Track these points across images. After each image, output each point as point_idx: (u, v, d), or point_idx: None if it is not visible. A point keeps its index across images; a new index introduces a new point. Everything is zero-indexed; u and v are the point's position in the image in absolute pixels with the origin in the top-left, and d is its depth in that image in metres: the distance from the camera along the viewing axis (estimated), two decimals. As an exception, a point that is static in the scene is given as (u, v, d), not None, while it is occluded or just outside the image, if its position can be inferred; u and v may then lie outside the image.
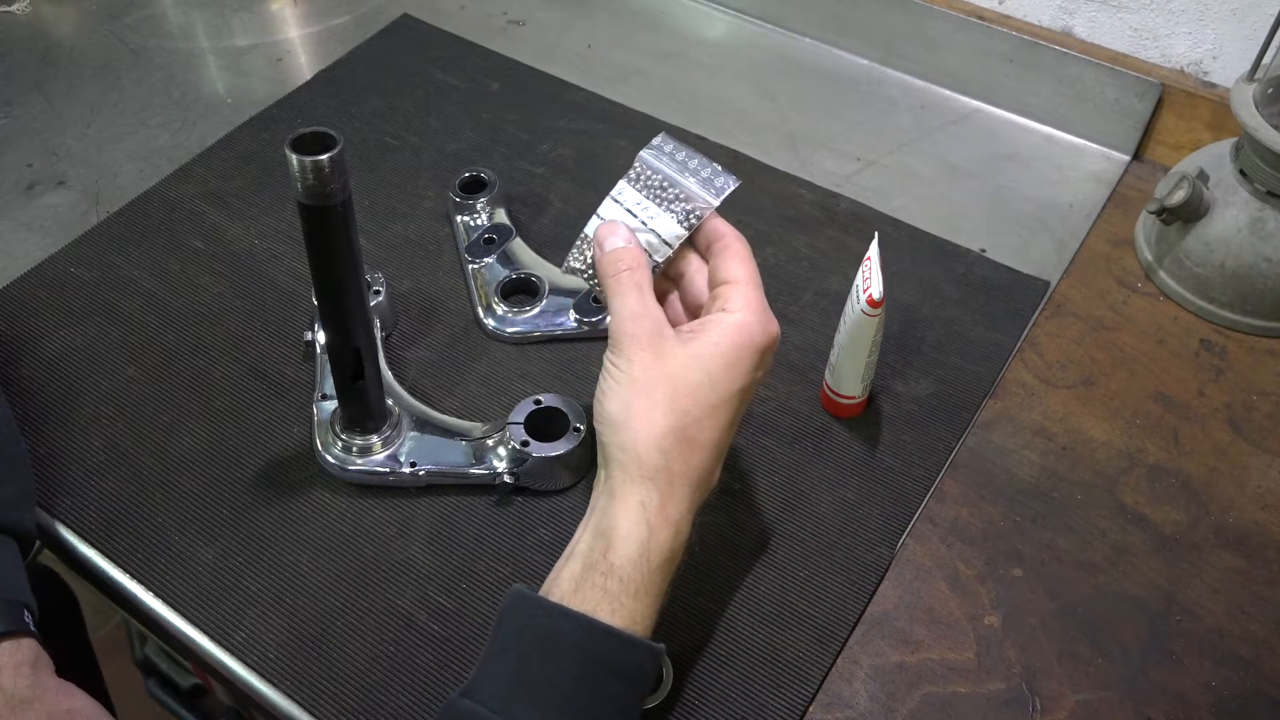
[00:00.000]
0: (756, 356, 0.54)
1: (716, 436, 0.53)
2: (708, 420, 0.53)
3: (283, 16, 1.07)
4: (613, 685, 0.49)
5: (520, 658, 0.49)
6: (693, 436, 0.52)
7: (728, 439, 0.55)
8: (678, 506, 0.52)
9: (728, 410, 0.53)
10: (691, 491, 0.53)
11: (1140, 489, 0.69)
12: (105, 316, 0.78)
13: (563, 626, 0.49)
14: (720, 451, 0.55)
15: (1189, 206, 0.75)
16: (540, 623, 0.50)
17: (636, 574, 0.51)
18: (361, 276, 0.59)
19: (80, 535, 0.66)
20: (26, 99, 0.97)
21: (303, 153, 0.52)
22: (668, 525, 0.52)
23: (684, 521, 0.53)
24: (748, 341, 0.53)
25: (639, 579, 0.51)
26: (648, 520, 0.51)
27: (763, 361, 0.55)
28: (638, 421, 0.52)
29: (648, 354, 0.53)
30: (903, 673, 0.61)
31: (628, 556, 0.51)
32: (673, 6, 1.07)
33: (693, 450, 0.53)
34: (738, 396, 0.54)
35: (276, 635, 0.61)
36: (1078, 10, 0.90)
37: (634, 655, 0.50)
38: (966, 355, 0.76)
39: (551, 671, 0.49)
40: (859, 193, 0.88)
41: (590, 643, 0.49)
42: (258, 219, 0.85)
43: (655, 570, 0.51)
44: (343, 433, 0.68)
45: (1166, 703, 0.59)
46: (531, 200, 0.87)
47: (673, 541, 0.52)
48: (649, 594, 0.51)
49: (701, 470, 0.53)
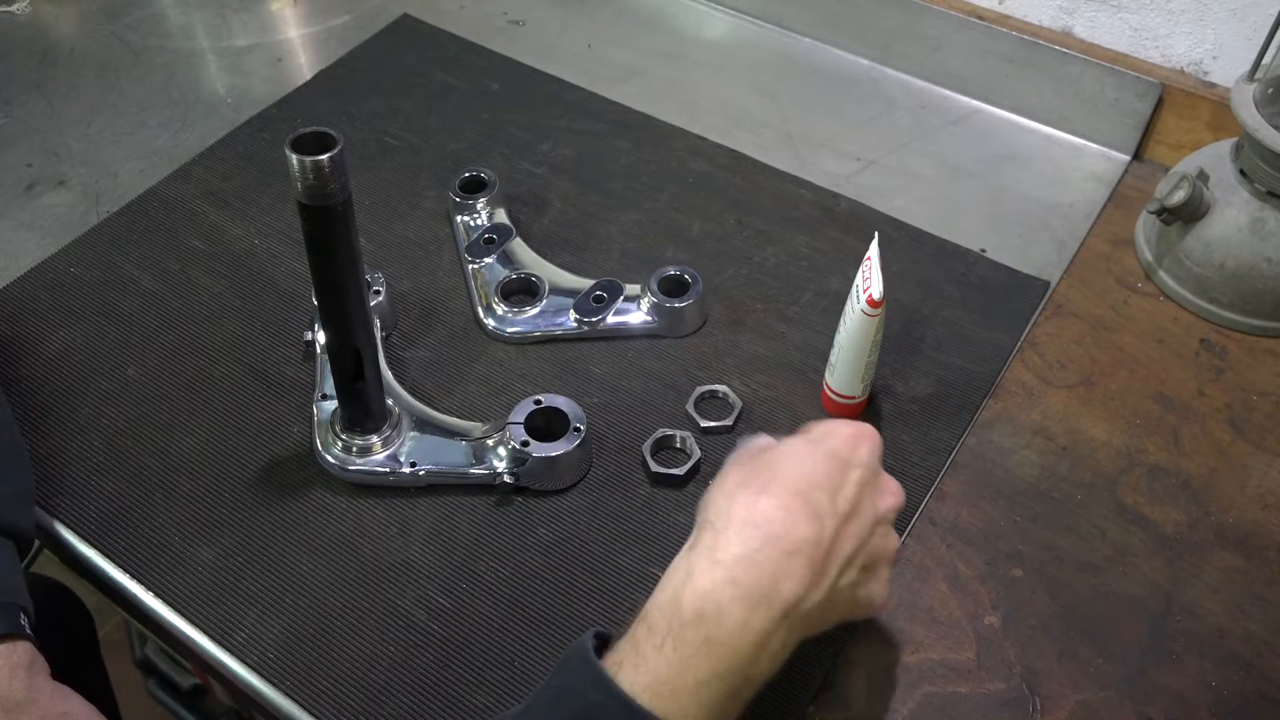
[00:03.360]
0: (843, 442, 0.53)
1: (791, 483, 0.49)
2: (782, 464, 0.51)
3: (283, 16, 1.07)
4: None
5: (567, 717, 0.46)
6: (763, 482, 0.50)
7: (817, 495, 0.50)
8: (729, 550, 0.47)
9: (806, 460, 0.51)
10: (753, 532, 0.48)
11: (1140, 489, 0.69)
12: (105, 316, 0.78)
13: (601, 700, 0.45)
14: (804, 500, 0.49)
15: (1189, 206, 0.75)
16: (582, 690, 0.46)
17: (663, 621, 0.46)
18: (361, 276, 0.59)
19: (80, 535, 0.66)
20: (26, 99, 0.97)
21: (303, 153, 0.52)
22: (712, 569, 0.47)
23: (742, 571, 0.47)
24: (830, 429, 0.54)
25: (664, 628, 0.46)
26: (688, 559, 0.47)
27: (853, 456, 0.52)
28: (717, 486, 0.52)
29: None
30: (903, 673, 0.61)
31: (657, 601, 0.47)
32: (673, 6, 1.07)
33: (760, 495, 0.49)
34: (821, 456, 0.52)
35: (276, 635, 0.61)
36: (1078, 10, 0.90)
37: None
38: (966, 355, 0.76)
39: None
40: (859, 193, 0.88)
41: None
42: (258, 219, 0.85)
43: (687, 624, 0.46)
44: (343, 433, 0.67)
45: (1166, 703, 0.59)
46: (531, 200, 0.87)
47: (717, 591, 0.46)
48: (676, 652, 0.46)
49: (768, 514, 0.48)
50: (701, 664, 0.46)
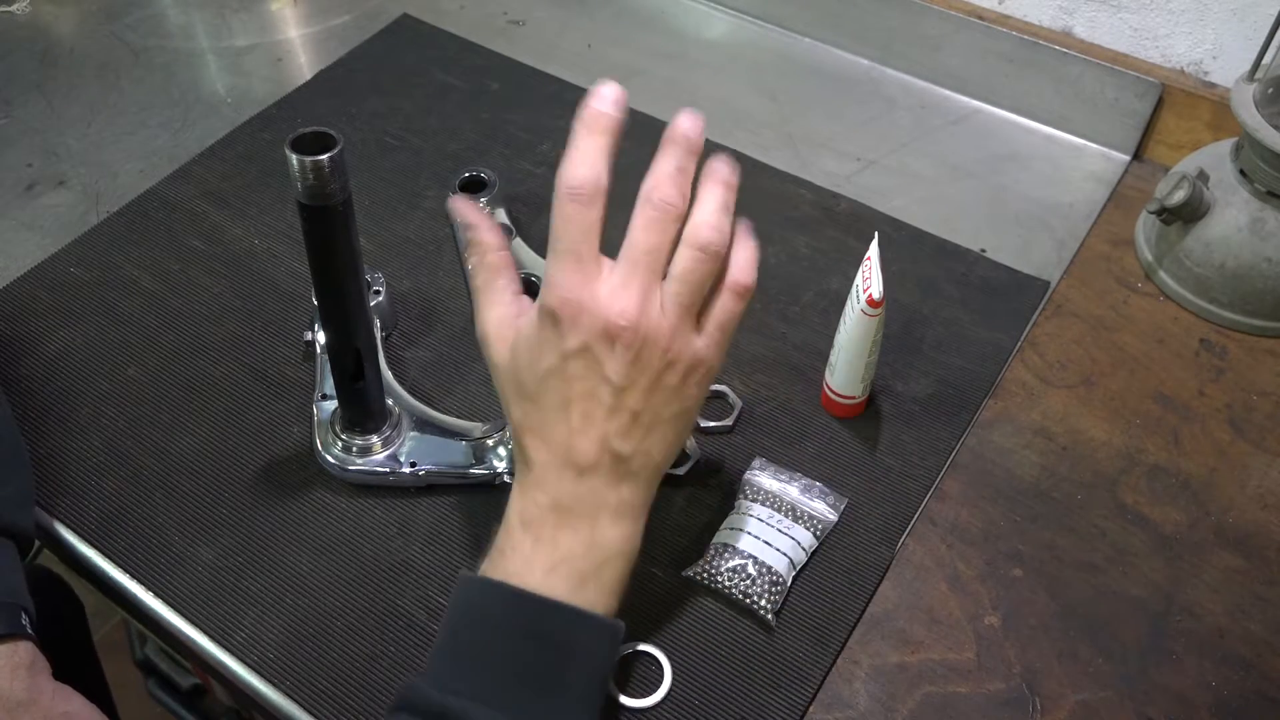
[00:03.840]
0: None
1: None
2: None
3: (283, 16, 1.07)
4: (535, 649, 0.50)
5: (452, 630, 0.52)
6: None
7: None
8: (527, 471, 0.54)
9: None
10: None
11: (1140, 489, 0.69)
12: (105, 316, 0.78)
13: (479, 594, 0.52)
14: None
15: (1189, 206, 0.75)
16: (465, 595, 0.52)
17: (503, 529, 0.54)
18: (361, 276, 0.59)
19: (80, 535, 0.66)
20: (26, 99, 0.97)
21: (303, 153, 0.52)
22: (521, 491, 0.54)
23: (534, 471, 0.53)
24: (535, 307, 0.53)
25: (502, 535, 0.53)
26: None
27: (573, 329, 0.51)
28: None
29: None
30: (903, 673, 0.61)
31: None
32: (673, 6, 1.07)
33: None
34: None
35: (276, 635, 0.61)
36: (1078, 10, 0.90)
37: (558, 621, 0.50)
38: (966, 355, 0.76)
39: (477, 637, 0.51)
40: (859, 193, 0.88)
41: (508, 608, 0.51)
42: (258, 219, 0.85)
43: (513, 528, 0.53)
44: (343, 433, 0.67)
45: (1166, 703, 0.59)
46: (531, 200, 0.87)
47: (524, 497, 0.53)
48: (515, 551, 0.52)
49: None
50: (545, 552, 0.52)
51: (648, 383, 0.51)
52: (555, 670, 0.50)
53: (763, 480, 0.67)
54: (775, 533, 0.64)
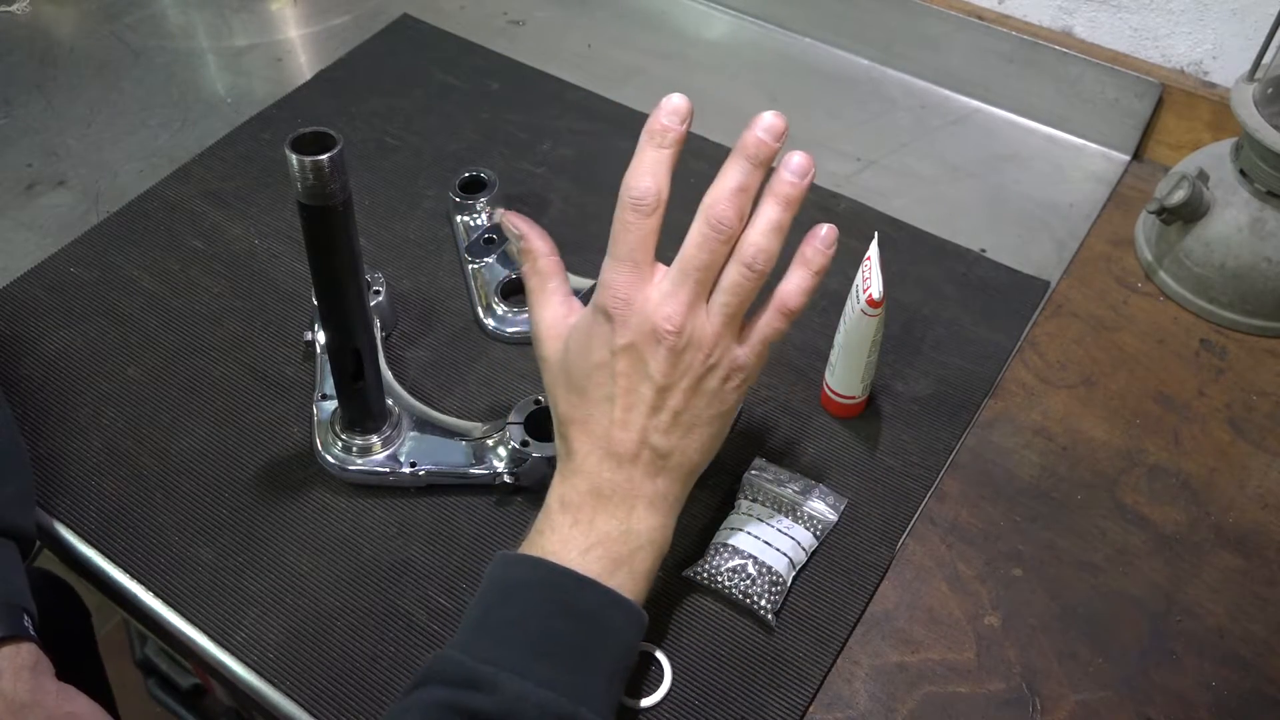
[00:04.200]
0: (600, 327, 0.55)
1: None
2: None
3: (283, 16, 1.07)
4: (569, 623, 0.51)
5: (486, 604, 0.53)
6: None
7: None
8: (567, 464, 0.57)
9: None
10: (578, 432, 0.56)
11: (1140, 489, 0.69)
12: (105, 316, 0.78)
13: (517, 570, 0.54)
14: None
15: (1189, 206, 0.75)
16: (501, 571, 0.54)
17: (543, 512, 0.56)
18: (361, 276, 0.59)
19: (80, 535, 0.66)
20: (26, 99, 0.97)
21: (303, 153, 0.52)
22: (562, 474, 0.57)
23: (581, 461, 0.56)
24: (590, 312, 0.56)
25: (542, 517, 0.56)
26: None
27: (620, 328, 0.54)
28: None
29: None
30: (903, 673, 0.61)
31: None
32: (673, 6, 1.07)
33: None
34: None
35: (276, 635, 0.61)
36: (1078, 10, 0.90)
37: (591, 596, 0.52)
38: (966, 355, 0.76)
39: (510, 611, 0.52)
40: (859, 193, 0.88)
41: (544, 581, 0.53)
42: (258, 219, 0.85)
43: (553, 511, 0.55)
44: (343, 433, 0.68)
45: (1166, 703, 0.59)
46: (531, 200, 0.87)
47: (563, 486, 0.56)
48: (554, 531, 0.54)
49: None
50: (582, 533, 0.54)
51: (689, 384, 0.54)
52: (587, 647, 0.51)
53: (763, 480, 0.67)
54: (775, 533, 0.64)
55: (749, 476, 0.68)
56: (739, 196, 0.53)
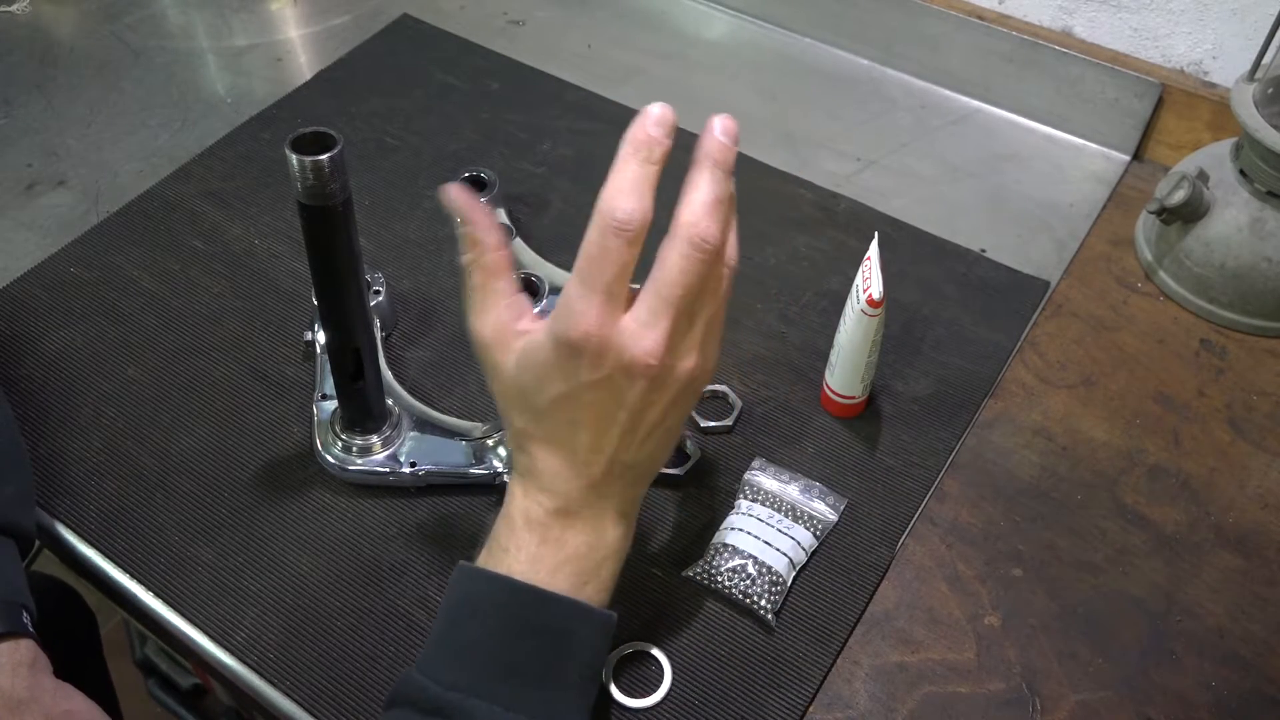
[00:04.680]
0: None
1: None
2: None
3: (283, 16, 1.07)
4: (533, 642, 0.50)
5: (449, 622, 0.51)
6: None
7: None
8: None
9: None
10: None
11: (1140, 489, 0.69)
12: (105, 316, 0.78)
13: (479, 587, 0.52)
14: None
15: (1189, 206, 0.75)
16: (465, 587, 0.52)
17: (503, 530, 0.54)
18: (361, 276, 0.59)
19: (80, 535, 0.66)
20: (26, 99, 0.97)
21: (303, 153, 0.52)
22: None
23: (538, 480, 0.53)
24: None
25: (505, 535, 0.53)
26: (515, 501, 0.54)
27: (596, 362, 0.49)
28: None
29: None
30: (903, 673, 0.61)
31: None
32: (673, 6, 1.07)
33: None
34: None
35: (276, 635, 0.61)
36: (1078, 10, 0.90)
37: (555, 612, 0.51)
38: (966, 355, 0.76)
39: (473, 631, 0.50)
40: (859, 193, 0.88)
41: (507, 600, 0.51)
42: (258, 219, 0.85)
43: (520, 529, 0.53)
44: (343, 433, 0.67)
45: (1166, 703, 0.59)
46: (531, 200, 0.87)
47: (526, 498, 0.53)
48: (520, 550, 0.52)
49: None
50: (550, 552, 0.52)
51: (667, 402, 0.50)
52: (555, 664, 0.50)
53: (763, 480, 0.67)
54: (775, 533, 0.64)
55: (749, 476, 0.68)
56: (718, 208, 0.47)
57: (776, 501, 0.66)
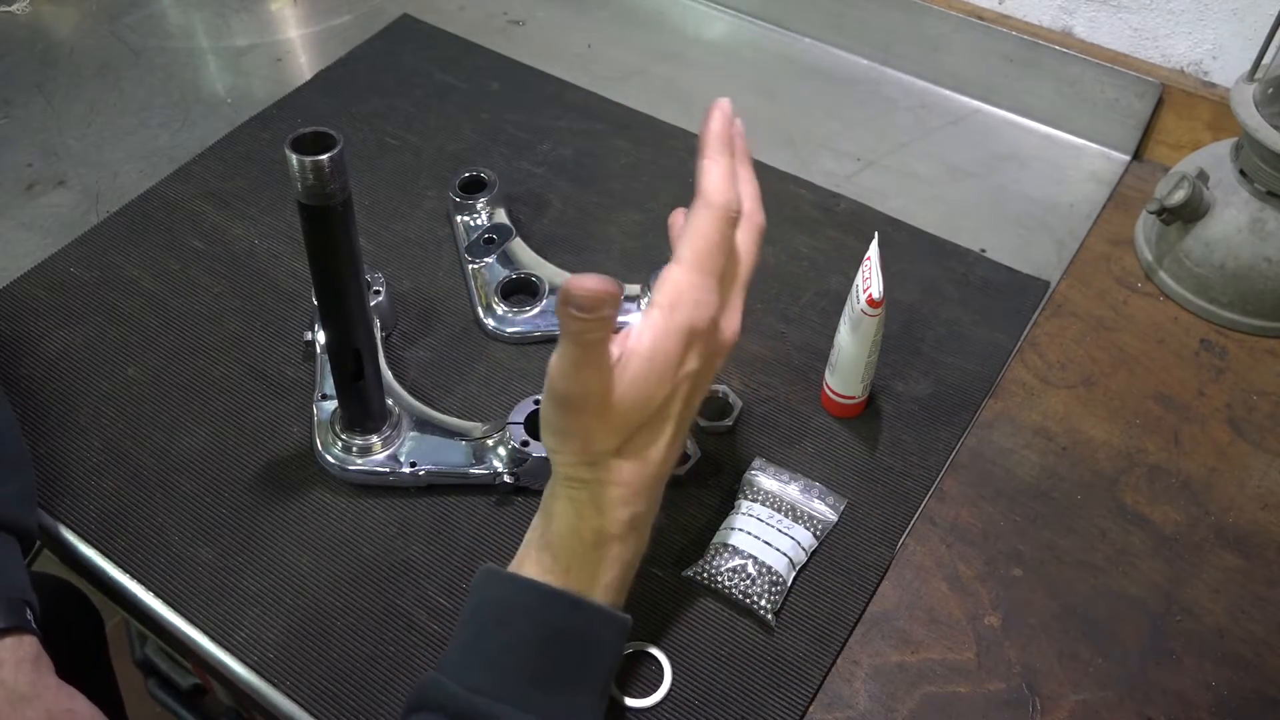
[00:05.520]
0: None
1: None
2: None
3: (283, 16, 1.07)
4: (563, 648, 0.50)
5: (479, 627, 0.51)
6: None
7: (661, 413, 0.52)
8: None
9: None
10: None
11: (1140, 489, 0.69)
12: (105, 316, 0.78)
13: (513, 594, 0.51)
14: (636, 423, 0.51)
15: (1189, 206, 0.75)
16: (495, 593, 0.52)
17: (565, 549, 0.53)
18: (361, 276, 0.59)
19: (80, 535, 0.66)
20: (26, 99, 0.97)
21: (303, 153, 0.52)
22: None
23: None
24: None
25: (567, 554, 0.52)
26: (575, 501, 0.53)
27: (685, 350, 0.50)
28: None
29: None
30: (903, 673, 0.61)
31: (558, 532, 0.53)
32: (673, 6, 1.07)
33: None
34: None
35: (276, 635, 0.61)
36: (1078, 10, 0.90)
37: (586, 618, 0.51)
38: (966, 355, 0.76)
39: (506, 637, 0.50)
40: (859, 193, 0.88)
41: (541, 607, 0.51)
42: (258, 219, 0.85)
43: (589, 546, 0.52)
44: (343, 433, 0.68)
45: (1166, 703, 0.59)
46: (531, 200, 0.87)
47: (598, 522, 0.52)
48: (583, 568, 0.52)
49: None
50: (590, 566, 0.52)
51: (701, 393, 0.53)
52: (579, 667, 0.51)
53: (763, 480, 0.67)
54: (775, 533, 0.64)
55: (749, 476, 0.68)
56: (734, 181, 0.52)
57: (776, 501, 0.66)
